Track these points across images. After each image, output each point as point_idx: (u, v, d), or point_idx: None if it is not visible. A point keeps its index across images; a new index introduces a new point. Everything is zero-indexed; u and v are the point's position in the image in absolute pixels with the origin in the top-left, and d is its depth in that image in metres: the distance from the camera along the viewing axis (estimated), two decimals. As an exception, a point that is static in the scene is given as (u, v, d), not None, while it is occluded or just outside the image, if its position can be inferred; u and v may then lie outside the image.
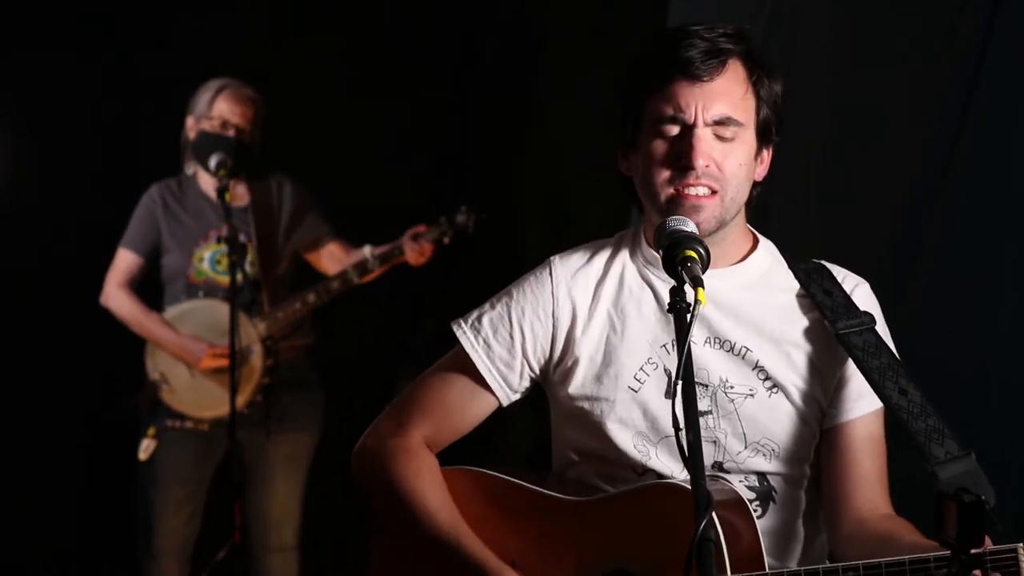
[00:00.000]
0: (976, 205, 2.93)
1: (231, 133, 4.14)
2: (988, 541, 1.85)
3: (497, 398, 2.16)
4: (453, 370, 2.18)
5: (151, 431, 4.12)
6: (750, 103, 2.08)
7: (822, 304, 2.11)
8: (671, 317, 2.04)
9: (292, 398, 4.22)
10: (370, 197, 4.94)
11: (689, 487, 1.93)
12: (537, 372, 2.17)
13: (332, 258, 4.41)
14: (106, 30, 4.79)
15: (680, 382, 1.71)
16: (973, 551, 1.69)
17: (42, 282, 4.42)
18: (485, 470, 2.18)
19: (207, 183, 4.22)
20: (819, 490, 2.16)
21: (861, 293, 2.16)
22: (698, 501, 1.61)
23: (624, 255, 2.18)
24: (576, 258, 2.19)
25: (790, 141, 3.03)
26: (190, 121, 4.19)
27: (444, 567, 2.10)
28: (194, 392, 4.16)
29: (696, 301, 1.74)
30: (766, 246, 2.20)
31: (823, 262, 2.19)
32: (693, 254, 1.81)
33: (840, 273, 2.18)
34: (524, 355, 2.14)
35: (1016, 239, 2.85)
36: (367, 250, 4.34)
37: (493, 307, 2.18)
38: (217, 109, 4.14)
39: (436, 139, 5.19)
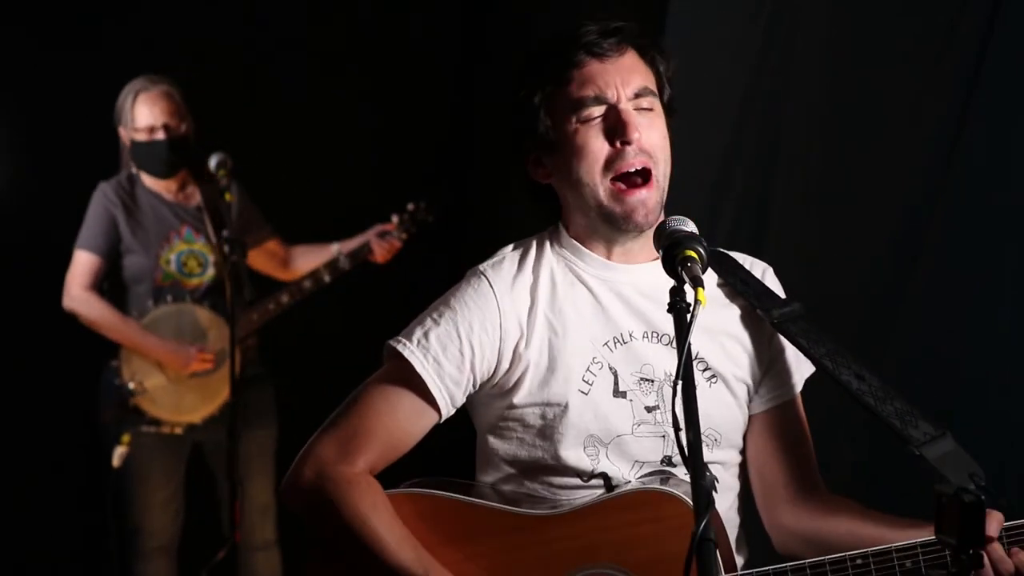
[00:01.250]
0: (976, 205, 2.92)
1: (161, 136, 4.12)
2: (999, 517, 1.87)
3: (440, 415, 2.08)
4: (398, 390, 2.06)
5: (125, 438, 4.11)
6: (653, 78, 2.09)
7: (744, 293, 2.12)
8: (608, 311, 2.08)
9: (253, 395, 4.22)
10: (340, 195, 4.96)
11: (664, 491, 1.96)
12: (477, 386, 2.10)
13: (272, 255, 4.43)
14: (86, 24, 4.80)
15: (680, 382, 1.70)
16: (973, 551, 1.69)
17: (42, 281, 4.41)
18: (426, 490, 2.08)
19: (154, 181, 4.21)
20: (746, 474, 2.18)
21: (770, 278, 2.18)
22: (698, 501, 1.60)
23: (549, 255, 2.13)
24: (507, 266, 2.12)
25: (791, 141, 3.04)
26: (121, 131, 4.18)
27: None
28: (172, 398, 4.16)
29: (696, 301, 1.73)
30: None
31: (721, 250, 2.19)
32: (693, 254, 1.80)
33: (744, 260, 2.18)
34: (472, 370, 2.06)
35: (1016, 239, 2.85)
36: (335, 248, 4.36)
37: (437, 323, 2.07)
38: (139, 116, 4.12)
39: (422, 135, 5.20)
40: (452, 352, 2.05)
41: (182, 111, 4.16)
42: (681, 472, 2.07)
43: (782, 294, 2.16)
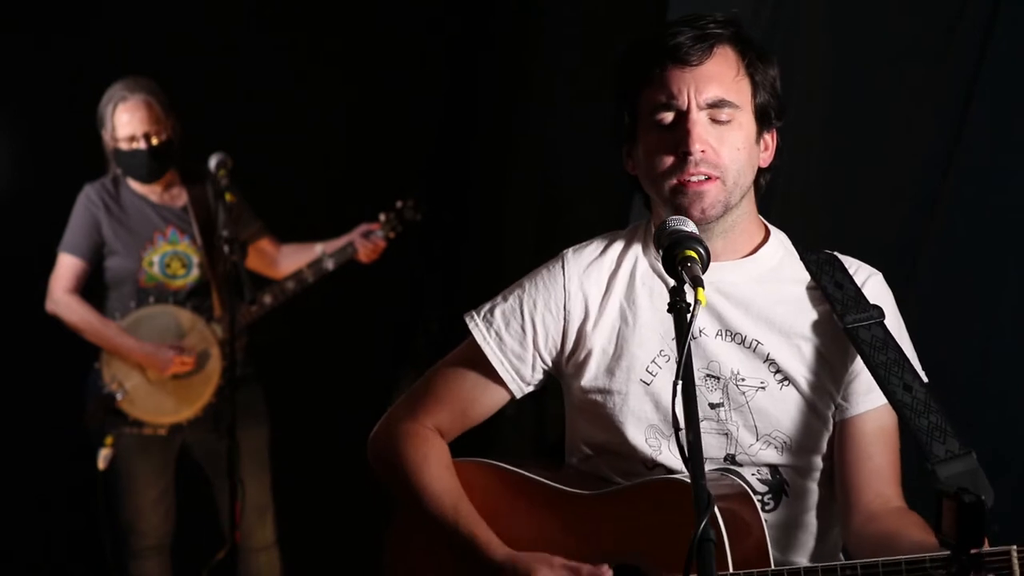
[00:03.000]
0: (976, 205, 2.92)
1: (142, 146, 4.12)
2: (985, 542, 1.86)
3: (509, 390, 2.18)
4: (465, 362, 2.19)
5: (108, 440, 4.12)
6: (744, 86, 2.08)
7: (832, 297, 2.11)
8: None
9: (242, 396, 4.21)
10: (317, 192, 4.97)
11: (686, 482, 1.95)
12: (550, 364, 2.18)
13: (263, 254, 4.43)
14: (78, 22, 4.80)
15: (680, 382, 1.70)
16: (973, 551, 1.69)
17: (32, 283, 4.42)
18: (494, 462, 2.20)
19: (137, 184, 4.21)
20: (832, 483, 2.16)
21: (873, 284, 2.16)
22: (698, 501, 1.61)
23: (637, 248, 2.18)
24: (589, 251, 2.19)
25: (791, 141, 3.03)
26: (104, 134, 4.17)
27: (449, 547, 2.13)
28: (152, 399, 4.16)
29: (696, 301, 1.74)
30: (778, 237, 2.20)
31: (835, 253, 2.19)
32: (693, 254, 1.81)
33: (852, 265, 2.17)
34: (536, 348, 2.15)
35: (1016, 240, 2.85)
36: (319, 248, 4.36)
37: (505, 300, 2.18)
38: (119, 127, 4.12)
39: (416, 135, 5.21)
40: (514, 328, 2.16)
41: (163, 118, 4.14)
42: (746, 472, 2.09)
43: (884, 300, 2.14)
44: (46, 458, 4.77)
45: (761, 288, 2.12)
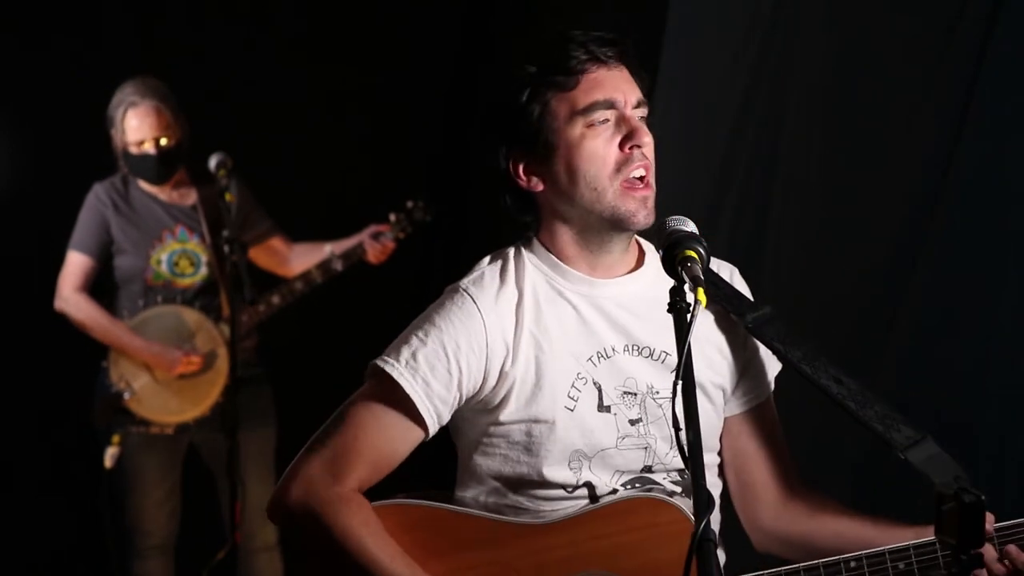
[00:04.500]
0: (976, 205, 2.92)
1: (151, 150, 4.12)
2: (991, 518, 1.88)
3: (427, 434, 2.07)
4: (386, 410, 2.05)
5: (115, 439, 4.12)
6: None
7: (716, 296, 2.11)
8: (591, 327, 2.08)
9: (249, 396, 4.21)
10: (333, 194, 4.96)
11: (656, 498, 1.97)
12: (463, 403, 2.09)
13: (274, 253, 4.42)
14: (84, 22, 4.80)
15: (680, 382, 1.70)
16: (974, 552, 1.69)
17: (41, 281, 4.42)
18: (414, 501, 2.09)
19: (146, 183, 4.22)
20: (722, 476, 2.18)
21: (738, 279, 2.18)
22: (698, 501, 1.60)
23: (529, 269, 2.11)
24: (488, 281, 2.10)
25: (791, 141, 3.03)
26: (113, 133, 4.17)
27: None
28: (159, 399, 4.16)
29: (696, 301, 1.73)
30: (648, 247, 2.18)
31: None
32: (693, 254, 1.80)
33: (712, 262, 2.14)
34: (459, 389, 2.05)
35: (1016, 239, 2.85)
36: (328, 249, 4.34)
37: (424, 343, 2.05)
38: (129, 132, 4.12)
39: (417, 134, 5.21)
40: (440, 372, 2.03)
41: (172, 123, 4.14)
42: (660, 478, 2.08)
43: (749, 295, 2.16)
44: (52, 456, 4.77)
45: (655, 298, 2.04)
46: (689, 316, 1.72)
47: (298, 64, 5.05)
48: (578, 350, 2.07)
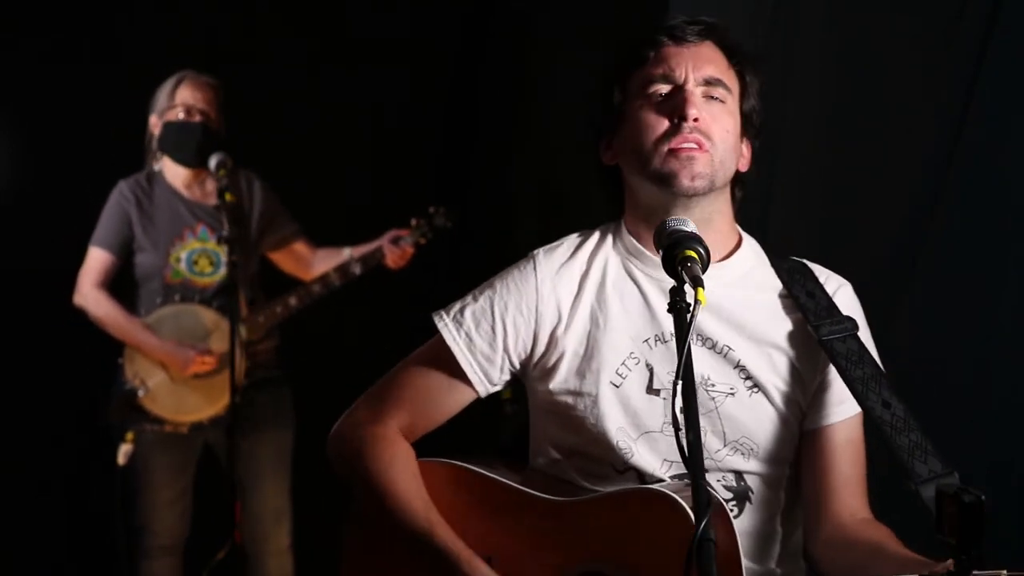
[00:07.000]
0: (976, 205, 2.92)
1: (197, 119, 4.13)
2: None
3: (476, 391, 2.16)
4: (433, 361, 2.17)
5: (129, 436, 4.12)
6: (734, 80, 2.12)
7: (804, 306, 2.10)
8: (655, 310, 2.09)
9: (266, 398, 4.21)
10: (343, 196, 4.96)
11: (670, 494, 1.95)
12: (517, 367, 2.16)
13: (298, 257, 4.42)
14: (85, 23, 4.80)
15: (680, 382, 1.70)
16: (973, 551, 1.69)
17: (57, 278, 4.43)
18: (461, 463, 2.16)
19: (175, 176, 4.21)
20: (798, 490, 2.16)
21: (844, 295, 2.16)
22: (698, 501, 1.60)
23: (607, 248, 2.17)
24: (560, 252, 2.17)
25: (791, 141, 3.03)
26: (153, 119, 4.19)
27: (416, 557, 2.09)
28: (174, 397, 4.16)
29: (696, 301, 1.73)
30: (750, 243, 2.20)
31: (805, 261, 2.19)
32: (693, 254, 1.80)
33: (822, 274, 2.17)
34: (505, 350, 2.13)
35: (1017, 239, 2.85)
36: (347, 253, 4.34)
37: (476, 300, 2.16)
38: (180, 97, 4.13)
39: (420, 137, 5.21)
40: (484, 329, 2.12)
41: (220, 110, 4.18)
42: (711, 477, 2.07)
43: (854, 311, 2.14)
44: (66, 452, 4.77)
45: (734, 294, 2.11)
46: (689, 316, 1.72)
47: (298, 64, 5.05)
48: (636, 331, 2.09)
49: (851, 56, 3.27)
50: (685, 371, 1.71)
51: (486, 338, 2.12)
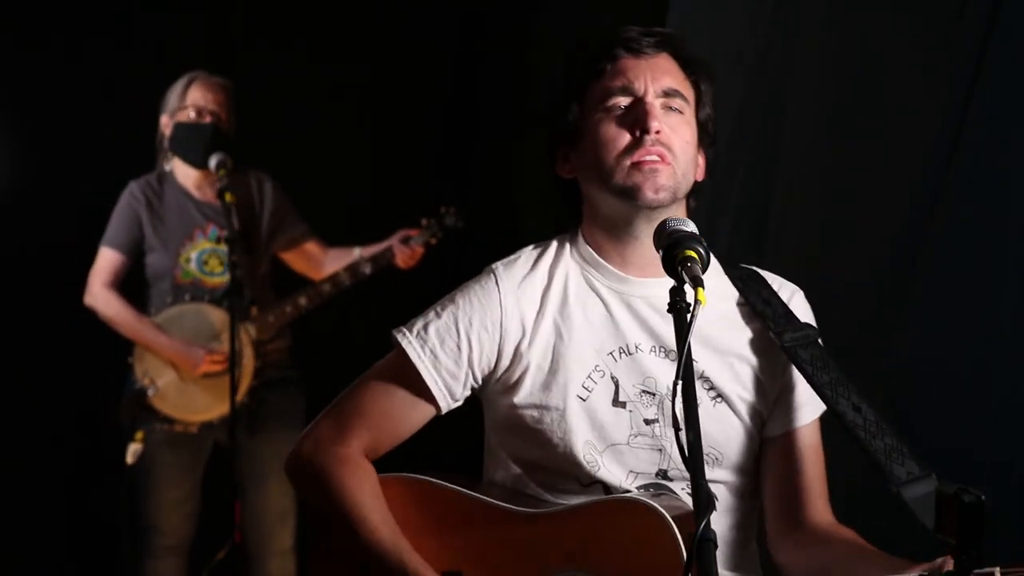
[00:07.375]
0: (976, 205, 2.92)
1: (208, 120, 4.13)
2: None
3: (439, 407, 2.13)
4: (396, 379, 2.13)
5: (139, 435, 4.11)
6: (690, 90, 2.12)
7: (763, 314, 2.10)
8: (618, 322, 2.09)
9: (277, 398, 4.20)
10: (352, 196, 4.95)
11: (647, 501, 1.95)
12: (479, 382, 2.13)
13: (309, 257, 4.41)
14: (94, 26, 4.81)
15: (680, 382, 1.70)
16: (973, 551, 1.69)
17: (42, 279, 4.41)
18: (423, 477, 2.14)
19: (185, 177, 4.21)
20: (758, 498, 2.16)
21: (798, 302, 2.16)
22: (698, 501, 1.60)
23: (567, 259, 2.15)
24: (519, 265, 2.16)
25: (791, 141, 3.04)
26: (164, 119, 4.19)
27: None
28: (183, 397, 4.15)
29: (696, 301, 1.73)
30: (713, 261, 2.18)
31: (755, 268, 2.19)
32: (693, 254, 1.80)
33: (775, 281, 2.17)
34: (470, 366, 2.10)
35: (1017, 239, 2.85)
36: (357, 252, 4.33)
37: (439, 316, 2.12)
38: (191, 98, 4.13)
39: (425, 138, 5.20)
40: (450, 346, 2.09)
41: (231, 112, 4.18)
42: (676, 486, 2.07)
43: (809, 317, 2.14)
44: (67, 452, 4.77)
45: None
46: (689, 316, 1.72)
47: (299, 64, 5.05)
48: (600, 343, 2.08)
49: (851, 56, 3.27)
50: (685, 371, 1.70)
51: (451, 355, 2.10)
